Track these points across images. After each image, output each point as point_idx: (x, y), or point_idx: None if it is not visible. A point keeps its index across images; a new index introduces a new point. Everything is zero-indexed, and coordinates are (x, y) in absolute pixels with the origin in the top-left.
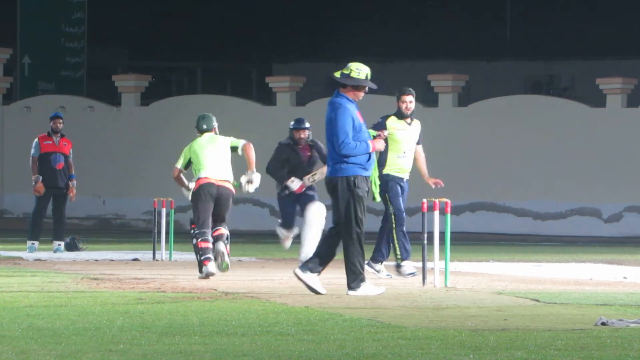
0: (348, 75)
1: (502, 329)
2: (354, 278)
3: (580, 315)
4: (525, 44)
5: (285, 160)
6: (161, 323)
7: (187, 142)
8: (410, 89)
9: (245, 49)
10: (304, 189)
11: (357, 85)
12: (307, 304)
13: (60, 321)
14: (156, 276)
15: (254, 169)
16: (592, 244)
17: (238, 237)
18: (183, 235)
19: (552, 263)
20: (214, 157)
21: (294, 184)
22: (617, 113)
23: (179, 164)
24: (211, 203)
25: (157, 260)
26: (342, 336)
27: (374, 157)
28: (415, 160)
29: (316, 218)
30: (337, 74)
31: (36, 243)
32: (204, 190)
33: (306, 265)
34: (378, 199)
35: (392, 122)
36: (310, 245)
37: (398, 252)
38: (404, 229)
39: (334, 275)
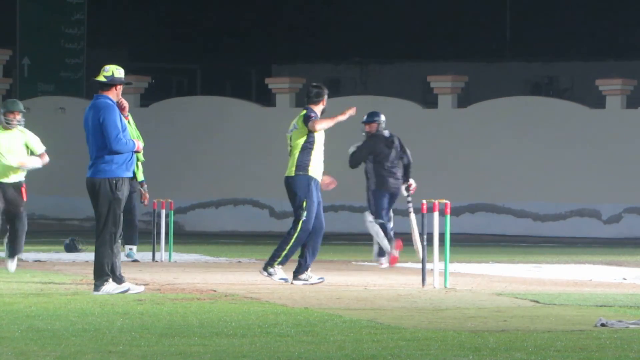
0: (113, 77)
1: (502, 330)
2: (100, 278)
3: (579, 317)
4: (524, 45)
5: None
6: (161, 324)
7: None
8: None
9: (245, 50)
10: None
11: (115, 84)
12: (306, 305)
13: (60, 322)
14: (155, 277)
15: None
16: (592, 245)
17: (237, 238)
18: (183, 237)
19: (551, 264)
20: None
21: None
22: (616, 114)
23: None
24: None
25: (156, 261)
26: (342, 337)
27: (134, 157)
28: None
29: None
30: (102, 78)
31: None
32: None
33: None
34: (141, 177)
35: None
36: None
37: (283, 255)
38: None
39: (333, 276)
